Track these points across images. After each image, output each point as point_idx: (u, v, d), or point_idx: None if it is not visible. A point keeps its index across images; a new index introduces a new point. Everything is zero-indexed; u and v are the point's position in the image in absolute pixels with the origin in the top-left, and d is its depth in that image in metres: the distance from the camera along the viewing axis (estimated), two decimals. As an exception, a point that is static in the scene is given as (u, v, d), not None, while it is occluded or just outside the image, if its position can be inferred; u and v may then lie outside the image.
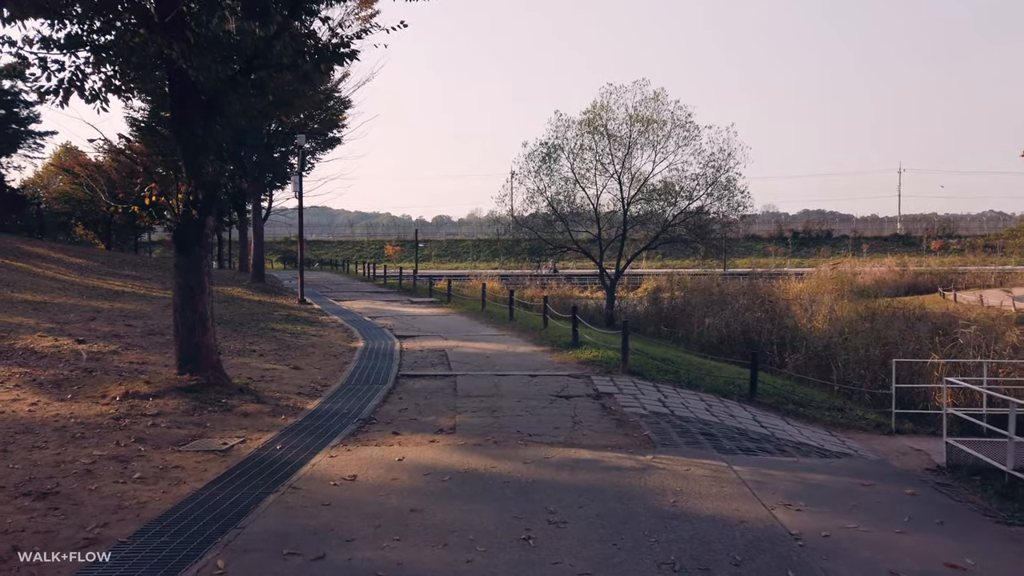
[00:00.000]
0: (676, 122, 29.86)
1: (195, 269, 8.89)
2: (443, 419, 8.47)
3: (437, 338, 16.04)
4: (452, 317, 20.62)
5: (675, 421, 8.89)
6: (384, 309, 22.66)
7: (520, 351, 14.24)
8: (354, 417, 8.38)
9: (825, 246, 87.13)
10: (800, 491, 6.00)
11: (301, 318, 18.75)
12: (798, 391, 13.63)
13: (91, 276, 23.15)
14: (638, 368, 12.31)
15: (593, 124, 30.85)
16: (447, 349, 14.33)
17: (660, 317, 28.37)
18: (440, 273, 65.13)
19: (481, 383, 10.78)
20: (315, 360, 12.65)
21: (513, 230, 33.29)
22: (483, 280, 45.98)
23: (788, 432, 9.95)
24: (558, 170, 31.58)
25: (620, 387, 10.79)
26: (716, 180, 29.29)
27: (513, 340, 15.79)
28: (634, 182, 31.15)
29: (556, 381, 11.06)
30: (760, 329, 20.02)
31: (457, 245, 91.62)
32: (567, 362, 12.93)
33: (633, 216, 31.13)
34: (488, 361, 12.91)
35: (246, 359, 12.01)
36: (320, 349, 13.97)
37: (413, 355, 13.68)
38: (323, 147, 39.23)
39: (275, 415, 8.34)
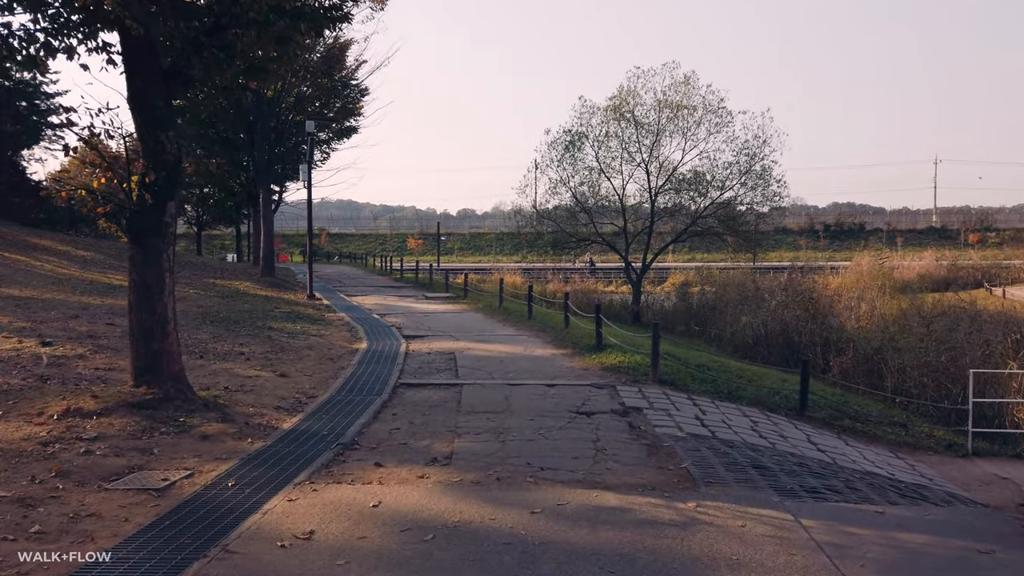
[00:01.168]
0: (708, 107, 28.16)
1: (152, 264, 7.59)
2: (439, 443, 7.09)
3: (448, 339, 14.68)
4: (467, 315, 19.26)
5: (718, 447, 7.42)
6: (396, 305, 21.36)
7: (537, 354, 12.83)
8: (333, 441, 7.02)
9: (858, 239, 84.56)
10: (898, 562, 4.52)
11: (305, 316, 17.50)
12: (851, 402, 12.06)
13: (93, 270, 22.14)
14: (670, 376, 10.84)
15: (619, 110, 29.23)
16: (457, 352, 12.96)
17: (689, 314, 26.77)
18: (461, 266, 63.83)
19: (490, 395, 9.38)
20: (308, 365, 11.34)
21: (535, 223, 31.74)
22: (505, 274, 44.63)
23: (850, 457, 8.44)
24: (582, 159, 30.03)
25: (650, 400, 9.34)
26: (750, 169, 27.57)
27: (530, 341, 14.38)
28: (662, 171, 29.51)
29: (576, 392, 9.63)
30: (801, 329, 18.38)
31: (480, 238, 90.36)
32: (589, 368, 11.49)
33: (660, 207, 29.51)
34: (501, 366, 11.51)
35: (230, 364, 10.73)
36: (317, 352, 12.67)
37: (419, 359, 12.33)
38: (339, 136, 38.12)
39: (240, 437, 7.01)
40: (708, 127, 28.32)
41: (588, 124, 29.82)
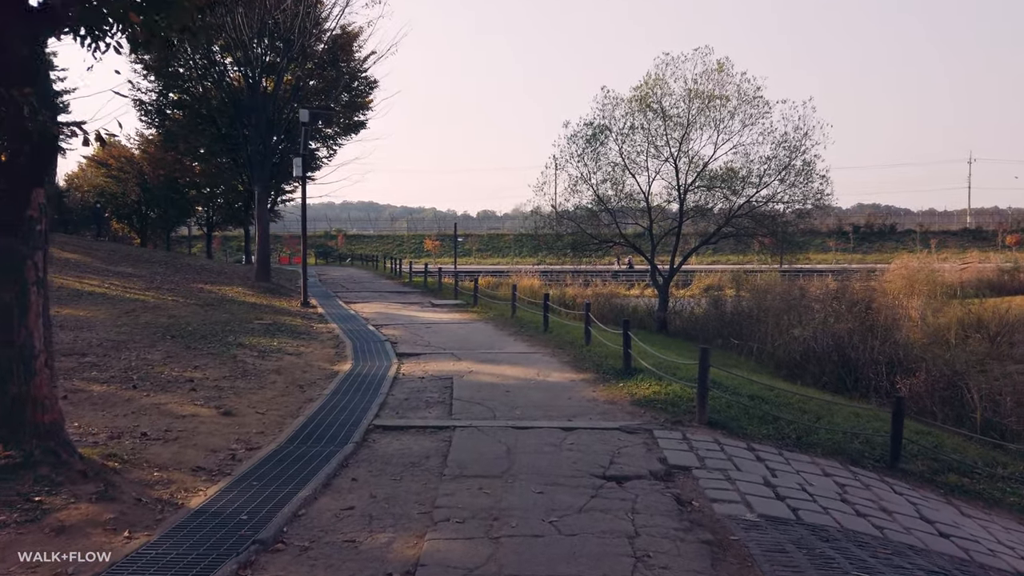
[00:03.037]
0: (743, 97, 25.69)
1: (10, 272, 5.43)
2: (403, 541, 4.85)
3: (447, 357, 12.46)
4: (475, 325, 17.03)
5: (810, 542, 5.11)
6: (397, 314, 19.19)
7: (552, 380, 10.56)
8: (249, 537, 4.81)
9: (888, 241, 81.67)
10: None
11: (289, 327, 15.37)
12: (945, 444, 9.64)
13: (68, 274, 20.20)
14: (720, 414, 8.53)
15: (645, 101, 26.84)
16: (455, 376, 10.73)
17: (722, 323, 24.34)
18: (478, 268, 61.58)
19: (487, 446, 7.13)
20: (268, 396, 9.16)
21: (555, 223, 29.38)
22: (522, 277, 42.20)
23: (983, 543, 6.08)
24: (605, 154, 27.66)
25: (700, 454, 7.05)
26: (789, 164, 25.05)
27: (545, 362, 12.12)
28: (692, 167, 27.09)
29: (602, 441, 7.36)
30: (858, 344, 15.93)
31: (499, 240, 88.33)
32: (617, 401, 9.21)
33: (691, 206, 27.08)
34: (506, 398, 9.26)
35: (167, 397, 8.58)
36: (287, 376, 10.50)
37: (408, 386, 10.12)
38: (346, 131, 36.08)
39: (115, 529, 4.83)
40: (743, 118, 25.86)
41: (611, 116, 27.47)
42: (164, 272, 24.29)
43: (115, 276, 21.34)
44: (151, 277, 22.39)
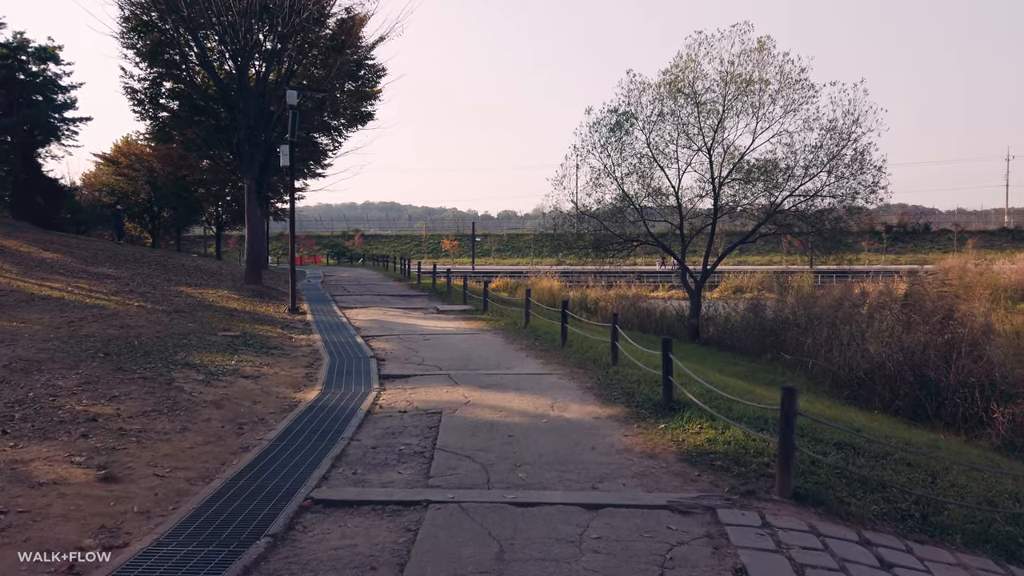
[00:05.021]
0: (785, 80, 23.04)
1: None
2: None
3: (442, 381, 10.06)
4: (482, 337, 14.61)
5: None
6: (395, 323, 16.83)
7: (572, 417, 8.12)
8: None
9: (923, 241, 78.35)
10: None
11: (260, 340, 13.05)
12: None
13: (33, 276, 18.07)
14: (808, 482, 6.02)
15: (675, 85, 24.26)
16: (446, 410, 8.33)
17: (763, 331, 21.73)
18: (496, 269, 59.17)
19: (470, 545, 4.70)
20: (184, 446, 6.81)
21: (575, 221, 26.86)
22: (541, 278, 39.61)
23: None
24: (630, 144, 25.14)
25: (795, 556, 4.58)
26: (839, 153, 22.36)
27: (562, 387, 9.68)
28: (727, 158, 24.48)
29: (644, 533, 4.91)
30: (937, 360, 13.29)
31: (518, 239, 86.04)
32: (659, 453, 6.75)
33: (728, 201, 24.47)
34: (508, 448, 6.83)
35: (38, 448, 6.25)
36: (228, 411, 8.15)
37: (382, 426, 7.73)
38: (352, 123, 33.84)
39: None
40: (785, 104, 23.21)
41: (637, 103, 24.93)
42: (149, 273, 22.16)
43: (89, 278, 19.20)
44: (130, 279, 20.24)
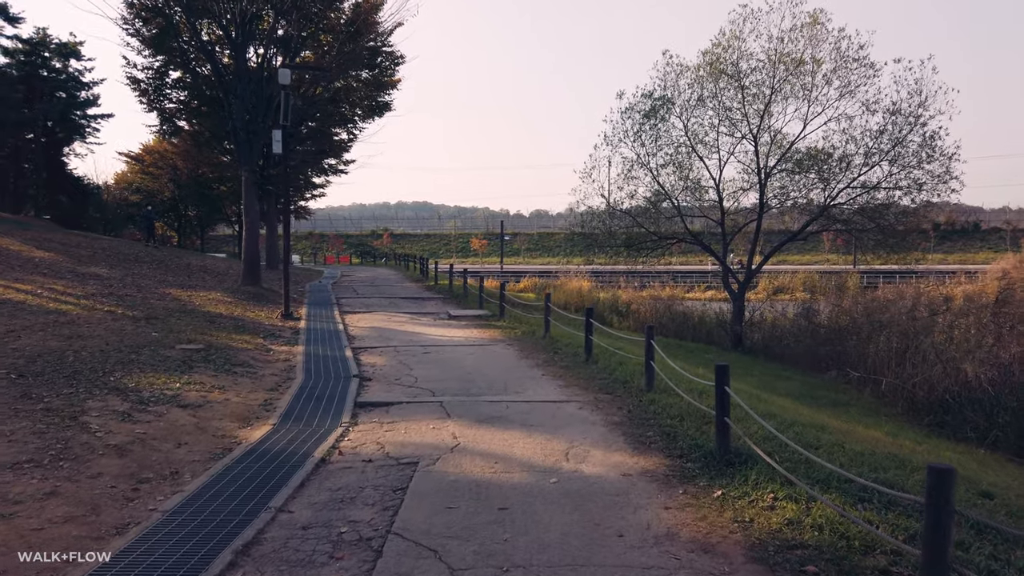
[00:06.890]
0: (841, 58, 20.49)
1: None
2: None
3: (431, 412, 7.94)
4: (492, 349, 12.47)
5: None
6: (397, 331, 14.78)
7: (592, 474, 5.92)
8: None
9: (972, 240, 74.39)
10: None
11: (228, 354, 11.04)
12: None
13: (4, 276, 16.40)
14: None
15: (717, 65, 21.83)
16: (424, 459, 6.20)
17: (816, 340, 19.25)
18: (525, 269, 56.98)
19: None
20: (27, 527, 4.75)
21: (606, 218, 24.56)
22: (571, 277, 37.29)
23: None
24: (666, 132, 22.77)
25: None
26: (904, 138, 19.77)
27: (582, 420, 7.49)
28: (774, 146, 22.00)
29: None
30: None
31: (549, 239, 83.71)
32: (718, 545, 4.52)
33: (773, 194, 22.00)
34: (496, 536, 4.66)
35: None
36: (131, 460, 6.11)
37: (331, 485, 5.63)
38: (368, 113, 31.98)
39: None
40: (841, 85, 20.66)
41: (674, 87, 22.55)
42: (144, 274, 20.44)
43: (71, 279, 17.48)
44: (119, 280, 18.49)
